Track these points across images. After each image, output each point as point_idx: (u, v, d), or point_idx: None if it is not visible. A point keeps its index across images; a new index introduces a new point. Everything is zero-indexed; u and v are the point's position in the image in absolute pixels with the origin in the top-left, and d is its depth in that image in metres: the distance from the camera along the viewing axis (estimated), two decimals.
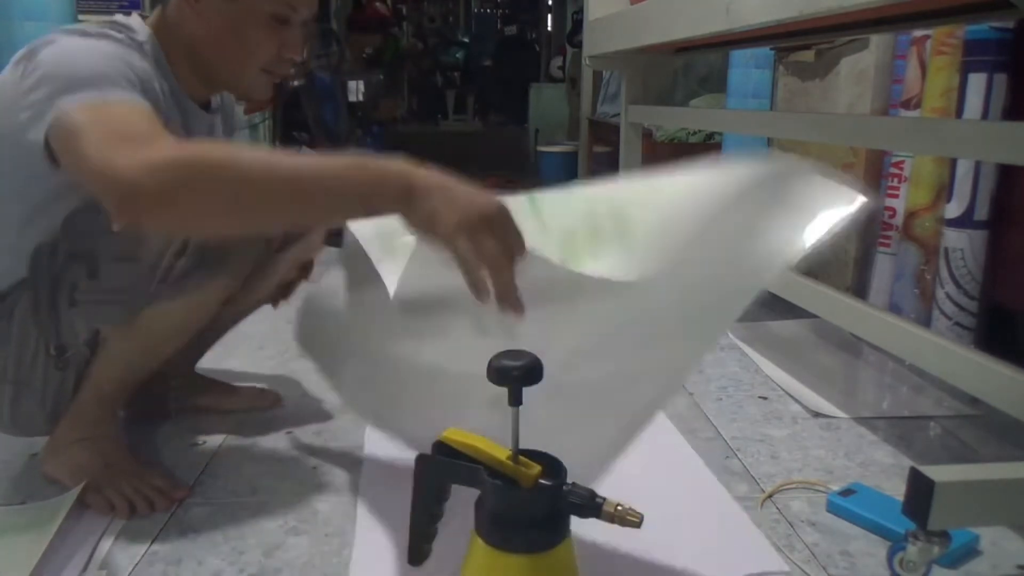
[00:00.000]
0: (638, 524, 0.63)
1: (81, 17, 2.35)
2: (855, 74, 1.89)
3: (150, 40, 0.93)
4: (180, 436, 1.21)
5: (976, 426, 1.28)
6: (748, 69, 2.49)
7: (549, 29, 7.40)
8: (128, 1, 4.54)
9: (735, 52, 2.52)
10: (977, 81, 1.44)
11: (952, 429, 1.28)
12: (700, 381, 1.48)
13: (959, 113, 1.48)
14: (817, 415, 1.32)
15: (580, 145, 4.81)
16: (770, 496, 1.05)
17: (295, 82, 5.13)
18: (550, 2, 7.31)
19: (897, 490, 0.91)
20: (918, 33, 1.63)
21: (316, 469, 1.11)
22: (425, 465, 0.66)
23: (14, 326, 0.96)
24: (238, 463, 1.13)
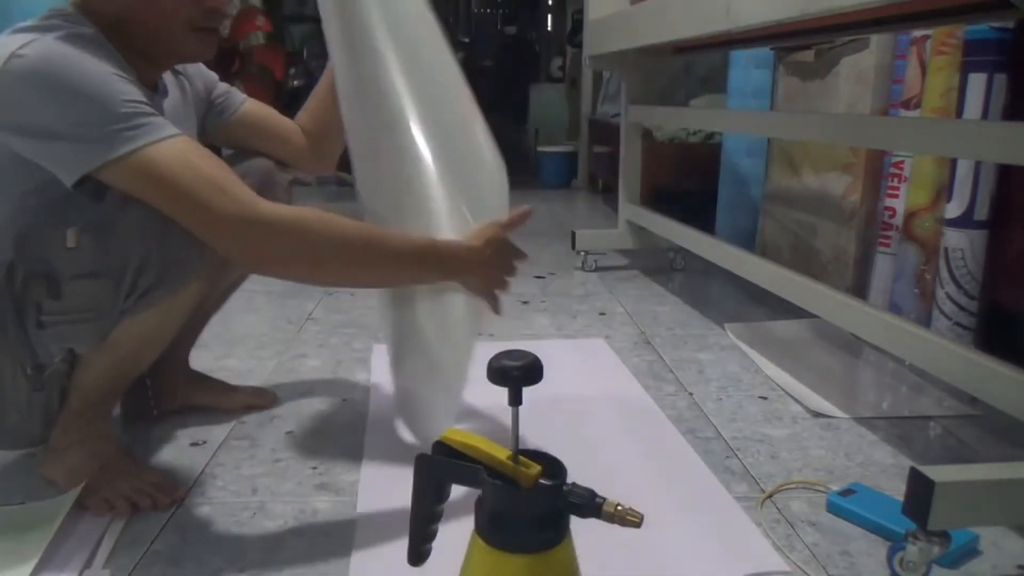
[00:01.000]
0: (638, 524, 0.63)
1: None
2: (855, 74, 1.89)
3: (92, 28, 0.88)
4: (180, 436, 1.21)
5: (976, 426, 1.28)
6: (748, 69, 2.49)
7: (549, 29, 7.39)
8: None
9: (735, 52, 2.52)
10: (977, 81, 1.44)
11: (952, 429, 1.28)
12: (700, 381, 1.48)
13: (959, 113, 1.48)
14: (817, 415, 1.32)
15: (580, 145, 4.82)
16: (770, 496, 1.05)
17: (295, 82, 5.14)
18: (550, 2, 7.30)
19: (897, 490, 0.91)
20: (918, 33, 1.63)
21: (316, 469, 1.11)
22: (425, 465, 0.66)
23: None
24: (238, 463, 1.13)
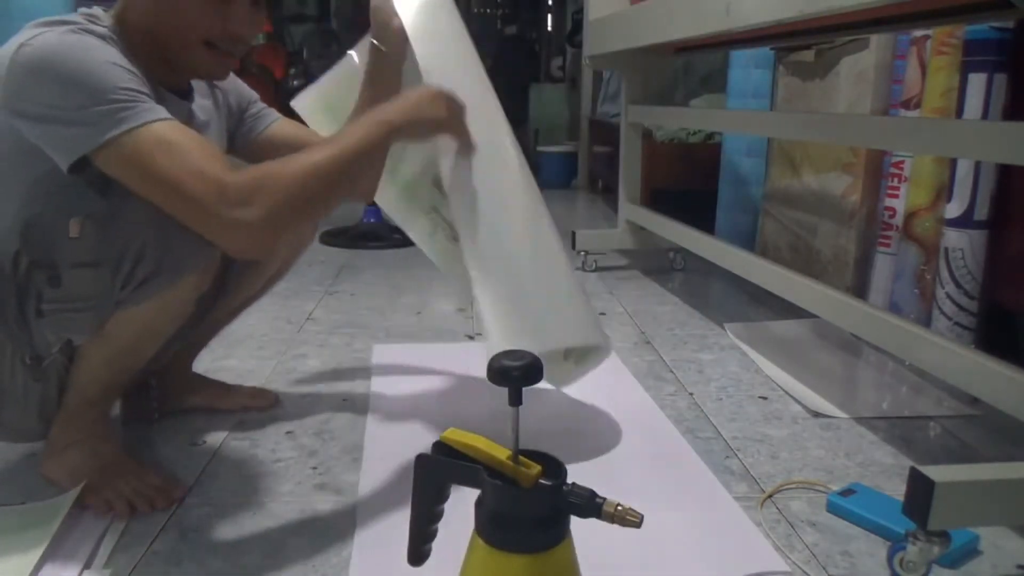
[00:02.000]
0: (638, 524, 0.63)
1: None
2: (855, 74, 1.89)
3: (113, 30, 0.92)
4: (180, 436, 1.21)
5: (976, 426, 1.28)
6: (748, 69, 2.49)
7: (549, 29, 7.38)
8: None
9: (735, 52, 2.52)
10: (977, 81, 1.44)
11: (952, 429, 1.28)
12: (700, 381, 1.48)
13: (959, 113, 1.48)
14: (817, 415, 1.32)
15: (580, 145, 4.82)
16: (770, 496, 1.05)
17: (295, 82, 5.13)
18: (550, 2, 7.29)
19: (897, 490, 0.91)
20: (918, 33, 1.63)
21: (316, 469, 1.11)
22: (425, 465, 0.66)
23: None
24: (238, 463, 1.13)
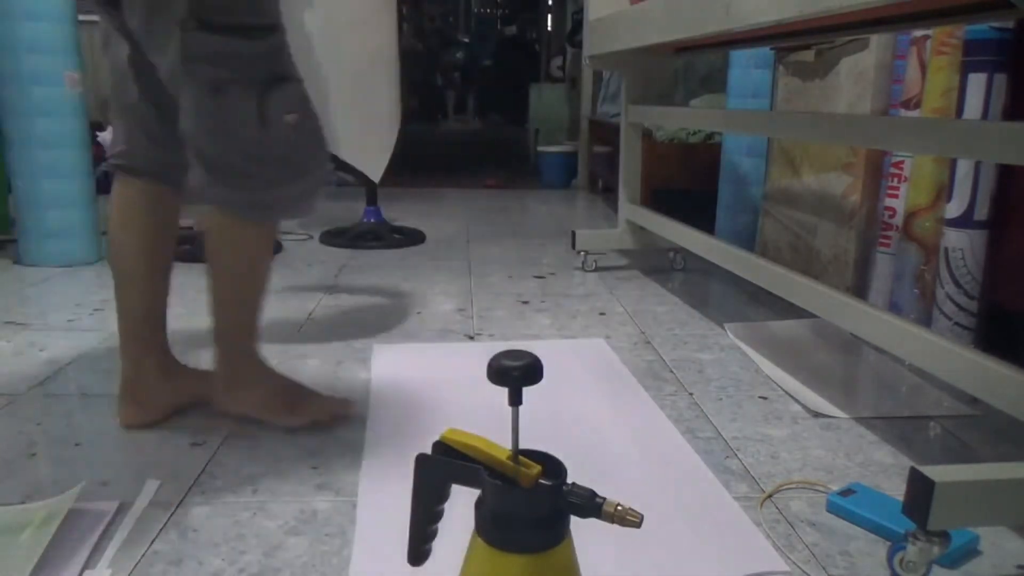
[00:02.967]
0: (638, 524, 0.63)
1: (81, 17, 2.35)
2: (855, 74, 1.89)
3: None
4: (180, 436, 1.21)
5: (976, 426, 1.28)
6: (748, 69, 2.49)
7: (549, 29, 7.39)
8: None
9: (735, 52, 2.52)
10: (977, 81, 1.44)
11: (952, 429, 1.28)
12: (700, 381, 1.48)
13: (959, 113, 1.48)
14: (817, 415, 1.32)
15: (580, 145, 4.82)
16: (770, 496, 1.05)
17: None
18: (550, 2, 7.30)
19: (897, 490, 0.91)
20: (918, 33, 1.63)
21: (316, 469, 1.11)
22: (425, 465, 0.66)
23: None
24: (238, 463, 1.13)
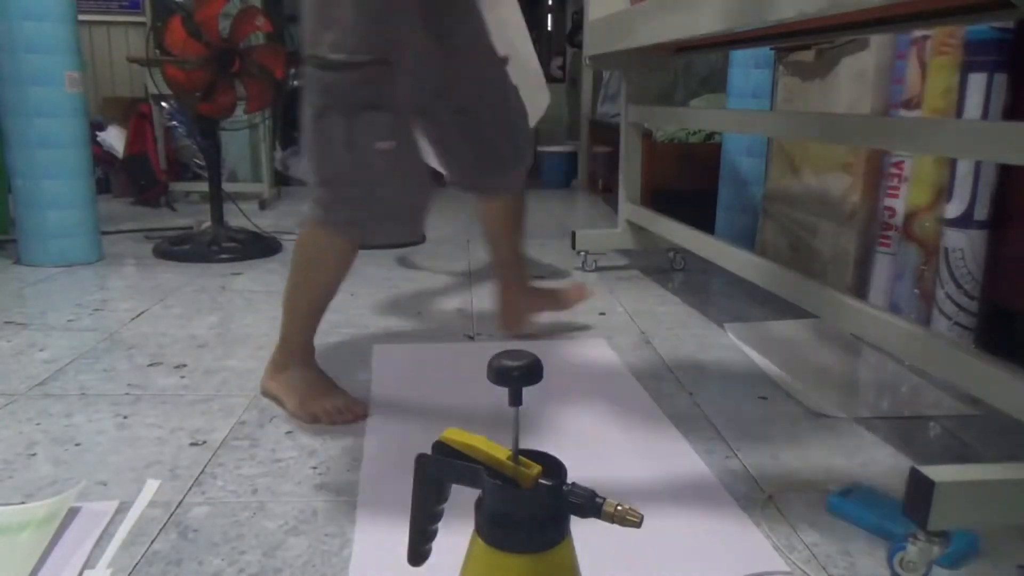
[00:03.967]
0: (638, 524, 0.63)
1: (81, 17, 2.35)
2: (855, 74, 1.89)
3: None
4: (180, 436, 1.21)
5: (976, 426, 1.28)
6: (748, 69, 2.49)
7: (549, 29, 7.38)
8: (128, 1, 4.54)
9: (735, 52, 2.52)
10: (977, 81, 1.44)
11: (952, 429, 1.28)
12: (700, 381, 1.48)
13: (959, 113, 1.48)
14: (817, 415, 1.32)
15: (580, 145, 4.82)
16: (770, 496, 1.05)
17: (295, 82, 5.11)
18: (550, 2, 7.29)
19: (897, 490, 0.91)
20: (918, 33, 1.63)
21: (316, 469, 1.11)
22: (425, 465, 0.66)
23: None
24: (238, 463, 1.13)
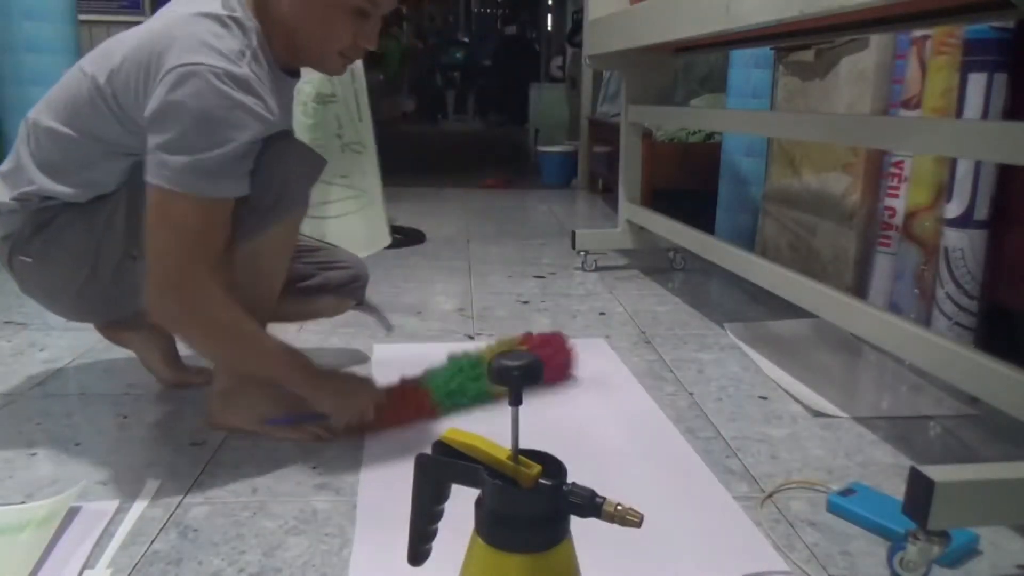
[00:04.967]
0: (638, 524, 0.63)
1: (81, 17, 2.35)
2: (855, 74, 1.89)
3: (255, 29, 1.05)
4: (180, 436, 1.21)
5: (976, 426, 1.28)
6: (748, 69, 2.49)
7: (549, 29, 7.39)
8: (128, 1, 4.55)
9: (735, 52, 2.52)
10: (977, 81, 1.44)
11: (952, 429, 1.28)
12: (700, 381, 1.48)
13: (959, 113, 1.48)
14: (817, 415, 1.32)
15: (580, 145, 4.81)
16: (770, 496, 1.05)
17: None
18: (550, 2, 7.30)
19: (897, 490, 0.91)
20: (918, 33, 1.63)
21: (316, 469, 1.11)
22: (425, 465, 0.66)
23: (107, 226, 1.13)
24: (238, 463, 1.13)
